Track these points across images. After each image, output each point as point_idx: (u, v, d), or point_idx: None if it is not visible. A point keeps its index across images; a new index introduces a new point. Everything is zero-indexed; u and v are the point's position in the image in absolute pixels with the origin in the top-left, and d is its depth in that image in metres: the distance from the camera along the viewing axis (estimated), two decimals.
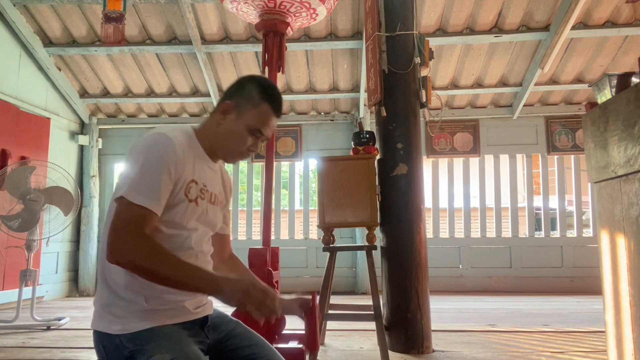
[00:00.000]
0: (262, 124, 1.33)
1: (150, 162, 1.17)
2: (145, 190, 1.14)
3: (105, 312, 1.20)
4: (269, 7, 2.99)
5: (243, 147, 1.33)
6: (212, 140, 1.34)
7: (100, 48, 5.29)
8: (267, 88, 1.34)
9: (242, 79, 1.37)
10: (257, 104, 1.32)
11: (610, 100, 2.09)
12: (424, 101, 3.14)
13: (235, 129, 1.32)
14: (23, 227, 3.67)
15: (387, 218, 3.03)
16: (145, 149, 1.19)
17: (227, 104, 1.32)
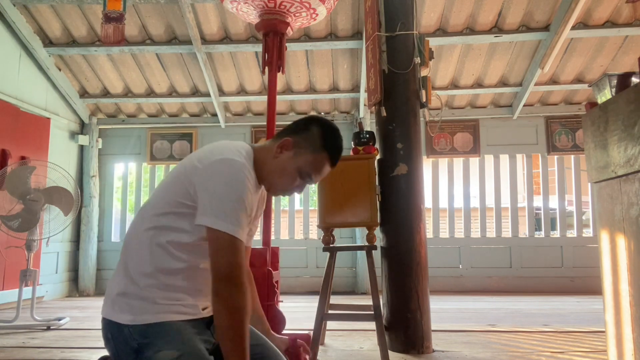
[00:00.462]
0: (315, 171, 1.35)
1: (238, 196, 1.19)
2: (241, 224, 1.19)
3: (120, 300, 1.21)
4: (269, 7, 2.99)
5: (290, 186, 1.36)
6: (264, 170, 1.35)
7: (100, 48, 5.29)
8: (331, 136, 1.35)
9: (309, 119, 1.38)
10: (316, 150, 1.33)
11: (610, 100, 2.09)
12: (424, 101, 3.14)
13: (288, 167, 1.33)
14: (23, 227, 3.67)
15: (387, 218, 3.03)
16: (231, 180, 1.20)
17: (287, 141, 1.33)
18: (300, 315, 4.07)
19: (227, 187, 1.19)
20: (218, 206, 1.18)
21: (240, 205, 1.19)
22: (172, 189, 1.26)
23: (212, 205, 1.18)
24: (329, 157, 1.34)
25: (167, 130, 6.37)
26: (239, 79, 5.82)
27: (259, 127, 6.27)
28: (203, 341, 1.25)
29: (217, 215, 1.17)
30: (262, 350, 1.35)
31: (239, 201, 1.19)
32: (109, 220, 6.34)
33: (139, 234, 1.25)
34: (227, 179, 1.20)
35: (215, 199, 1.18)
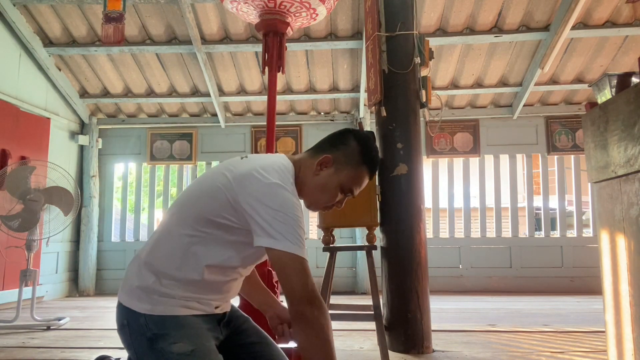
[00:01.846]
0: (357, 185, 1.36)
1: (297, 217, 1.20)
2: (304, 245, 1.20)
3: (139, 291, 1.22)
4: (269, 7, 2.99)
5: (331, 202, 1.37)
6: (304, 187, 1.35)
7: (100, 48, 5.29)
8: (369, 150, 1.37)
9: (346, 132, 1.39)
10: (356, 165, 1.34)
11: (610, 100, 2.09)
12: (424, 101, 3.14)
13: (330, 184, 1.34)
14: (23, 227, 3.67)
15: (387, 218, 3.03)
16: (288, 202, 1.20)
17: (327, 158, 1.34)
18: None
19: (286, 209, 1.19)
20: (282, 228, 1.17)
21: (300, 225, 1.20)
22: (215, 197, 1.24)
23: (275, 227, 1.17)
24: (368, 171, 1.36)
25: (167, 130, 6.37)
26: (239, 79, 5.82)
27: (259, 127, 6.27)
28: (214, 337, 1.27)
29: (283, 238, 1.17)
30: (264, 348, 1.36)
31: (298, 222, 1.20)
32: (109, 220, 6.34)
33: (174, 236, 1.25)
34: (284, 202, 1.20)
35: (277, 222, 1.18)
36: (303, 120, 6.31)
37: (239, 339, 1.36)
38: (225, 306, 1.38)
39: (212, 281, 1.25)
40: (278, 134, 6.12)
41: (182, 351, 1.16)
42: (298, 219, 1.20)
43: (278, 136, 6.18)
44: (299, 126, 6.30)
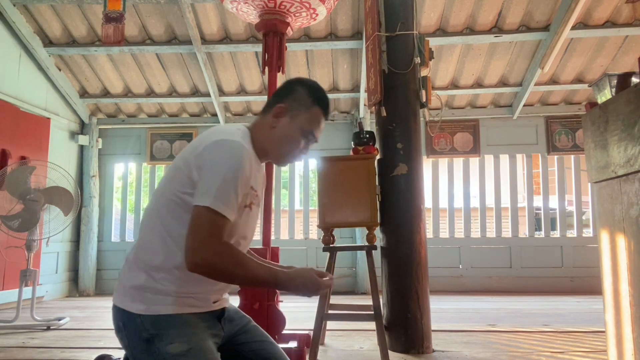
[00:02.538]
0: (315, 127, 1.39)
1: (232, 173, 1.20)
2: (229, 201, 1.19)
3: (134, 292, 1.23)
4: (269, 7, 2.99)
5: (296, 149, 1.39)
6: (266, 143, 1.38)
7: (100, 48, 5.29)
8: (317, 91, 1.40)
9: (291, 82, 1.42)
10: (309, 107, 1.37)
11: (610, 100, 2.09)
12: (424, 101, 3.14)
13: (290, 131, 1.36)
14: (23, 227, 3.67)
15: (387, 218, 3.03)
16: (227, 158, 1.21)
17: (280, 107, 1.36)
18: (300, 315, 4.06)
19: (221, 166, 1.20)
20: (208, 185, 1.19)
21: (230, 183, 1.19)
22: (176, 178, 1.27)
23: (203, 185, 1.19)
24: (321, 110, 1.38)
25: (167, 130, 6.37)
26: (239, 79, 5.82)
27: None
28: (212, 335, 1.27)
29: (204, 194, 1.18)
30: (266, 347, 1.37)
31: (230, 180, 1.19)
32: (109, 220, 6.34)
33: (153, 229, 1.27)
34: (221, 159, 1.21)
35: (208, 179, 1.19)
36: None
37: (244, 338, 1.37)
38: (223, 301, 1.38)
39: None
40: None
41: (178, 351, 1.16)
42: (230, 176, 1.19)
43: None
44: None
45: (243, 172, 1.22)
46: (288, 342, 2.71)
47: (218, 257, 1.16)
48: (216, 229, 1.17)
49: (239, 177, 1.21)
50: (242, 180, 1.22)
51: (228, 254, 1.18)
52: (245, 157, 1.24)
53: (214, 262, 1.16)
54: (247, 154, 1.25)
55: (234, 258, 1.19)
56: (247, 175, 1.24)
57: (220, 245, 1.17)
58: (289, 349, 2.55)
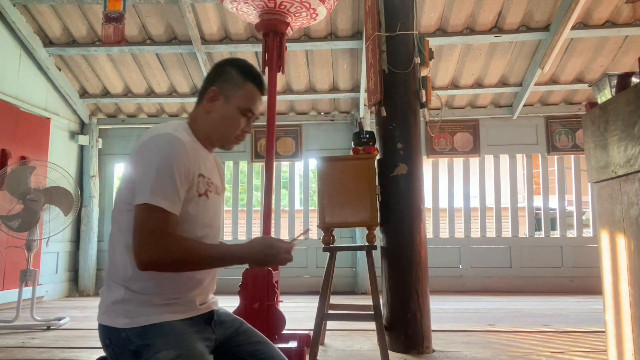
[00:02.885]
0: (251, 103, 1.36)
1: (165, 165, 1.19)
2: (166, 193, 1.17)
3: (115, 307, 1.21)
4: (269, 7, 2.99)
5: (237, 129, 1.37)
6: (206, 129, 1.36)
7: (100, 48, 5.28)
8: (247, 68, 1.38)
9: (220, 64, 1.40)
10: (241, 85, 1.35)
11: (610, 100, 2.09)
12: (424, 101, 3.14)
13: (227, 113, 1.35)
14: (23, 227, 3.67)
15: (387, 218, 3.03)
16: (158, 151, 1.20)
17: (213, 91, 1.35)
18: (300, 315, 4.07)
19: (152, 161, 1.19)
20: (143, 182, 1.18)
21: (165, 175, 1.18)
22: (123, 188, 1.27)
23: (139, 184, 1.18)
24: (255, 85, 1.37)
25: None
26: None
27: (258, 127, 6.24)
28: (203, 339, 1.24)
29: (140, 192, 1.17)
30: (263, 348, 1.35)
31: (164, 172, 1.18)
32: (109, 220, 6.33)
33: (118, 243, 1.25)
34: (152, 154, 1.20)
35: (142, 177, 1.18)
36: (303, 120, 6.31)
37: (239, 340, 1.35)
38: (211, 303, 1.36)
39: None
40: (278, 134, 6.12)
41: (167, 359, 1.13)
42: (164, 169, 1.18)
43: (278, 136, 6.18)
44: (299, 126, 6.30)
45: (177, 161, 1.20)
46: (288, 342, 2.71)
47: (164, 252, 1.15)
48: (158, 224, 1.15)
49: (174, 166, 1.19)
50: (179, 169, 1.20)
51: (174, 245, 1.16)
52: (177, 146, 1.22)
53: (162, 257, 1.14)
54: (179, 143, 1.22)
55: (181, 247, 1.17)
56: (184, 164, 1.21)
57: (164, 239, 1.15)
58: (289, 349, 2.55)
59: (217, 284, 1.41)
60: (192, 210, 1.26)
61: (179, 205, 1.20)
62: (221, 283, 1.46)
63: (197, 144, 1.34)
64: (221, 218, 1.43)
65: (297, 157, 6.29)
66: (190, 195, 1.25)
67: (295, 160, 6.38)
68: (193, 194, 1.26)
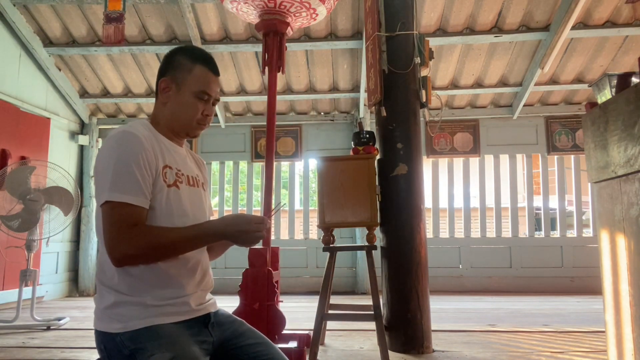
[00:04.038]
0: (204, 85, 1.34)
1: (122, 160, 1.18)
2: (126, 188, 1.17)
3: (108, 312, 1.20)
4: (269, 7, 2.99)
5: (197, 114, 1.34)
6: (167, 121, 1.35)
7: (100, 48, 5.29)
8: (194, 52, 1.37)
9: (167, 54, 1.39)
10: (190, 69, 1.33)
11: (610, 100, 2.09)
12: (424, 101, 3.14)
13: (181, 100, 1.33)
14: (23, 227, 3.67)
15: (387, 218, 3.03)
16: (114, 149, 1.21)
17: (163, 81, 1.34)
18: (300, 315, 4.07)
19: (108, 160, 1.19)
20: (102, 181, 1.18)
21: (122, 169, 1.18)
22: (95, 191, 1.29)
23: (98, 184, 1.20)
24: (206, 67, 1.35)
25: None
26: (239, 79, 5.82)
27: (259, 127, 6.27)
28: (199, 342, 1.23)
29: (100, 192, 1.18)
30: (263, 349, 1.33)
31: (121, 166, 1.18)
32: None
33: (100, 246, 1.26)
34: (107, 154, 1.21)
35: (100, 177, 1.19)
36: (303, 120, 6.31)
37: (238, 342, 1.32)
38: (208, 305, 1.33)
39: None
40: (278, 134, 6.13)
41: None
42: (117, 163, 1.18)
43: (278, 136, 6.18)
44: (299, 126, 6.30)
45: (132, 154, 1.19)
46: (288, 342, 2.71)
47: (134, 243, 1.15)
48: (123, 219, 1.16)
49: (131, 160, 1.19)
50: (137, 161, 1.19)
51: (142, 235, 1.16)
52: (131, 140, 1.21)
53: (132, 251, 1.15)
54: (132, 137, 1.22)
55: (151, 235, 1.18)
56: (141, 156, 1.21)
57: (131, 231, 1.15)
58: (289, 349, 2.55)
59: (217, 284, 1.38)
60: (164, 201, 1.25)
61: (144, 197, 1.20)
62: (221, 283, 1.45)
63: (160, 137, 1.33)
64: (203, 210, 1.39)
65: (297, 157, 6.29)
66: (159, 186, 1.24)
67: (295, 160, 6.38)
68: (161, 185, 1.25)
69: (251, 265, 2.74)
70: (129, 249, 1.15)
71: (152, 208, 1.23)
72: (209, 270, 1.38)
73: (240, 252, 1.55)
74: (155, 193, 1.24)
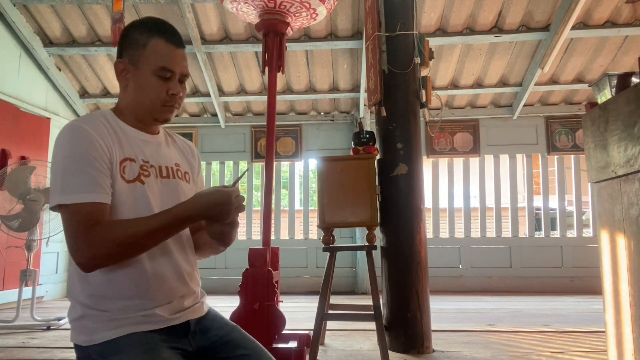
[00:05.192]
0: (163, 60, 1.18)
1: (71, 157, 1.09)
2: (77, 186, 1.07)
3: (75, 324, 1.15)
4: (269, 7, 2.99)
5: (161, 94, 1.19)
6: (130, 107, 1.22)
7: (100, 48, 5.29)
8: (147, 23, 1.21)
9: (122, 33, 1.23)
10: (144, 43, 1.18)
11: (610, 100, 2.09)
12: (424, 101, 3.14)
13: (141, 80, 1.19)
14: (23, 227, 3.67)
15: (387, 218, 3.03)
16: (62, 146, 1.11)
17: (119, 62, 1.21)
18: (300, 315, 4.07)
19: (58, 159, 1.10)
20: (54, 183, 1.09)
21: (72, 168, 1.08)
22: None
23: (51, 187, 1.11)
24: (163, 38, 1.19)
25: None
26: (239, 79, 5.82)
27: (259, 127, 6.27)
28: (174, 349, 1.13)
29: (53, 194, 1.09)
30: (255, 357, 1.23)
31: (70, 164, 1.08)
32: None
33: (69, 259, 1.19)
34: (57, 152, 1.11)
35: (52, 178, 1.10)
36: (303, 120, 6.31)
37: (224, 350, 1.21)
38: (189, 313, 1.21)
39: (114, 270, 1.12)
40: (278, 134, 6.13)
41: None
42: (76, 160, 1.08)
43: (278, 136, 6.19)
44: (299, 126, 6.30)
45: (81, 148, 1.09)
46: (288, 342, 2.71)
47: (95, 246, 1.05)
48: (79, 221, 1.06)
49: (79, 155, 1.08)
50: (87, 156, 1.08)
51: (102, 234, 1.05)
52: (78, 134, 1.10)
53: (94, 251, 1.05)
54: (80, 131, 1.11)
55: (112, 232, 1.06)
56: (91, 149, 1.09)
57: (92, 231, 1.05)
58: (289, 349, 2.55)
59: (217, 284, 1.32)
60: (125, 199, 1.14)
61: (101, 192, 1.09)
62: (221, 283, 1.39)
63: (124, 126, 1.21)
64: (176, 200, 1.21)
65: (297, 157, 6.29)
66: (118, 184, 1.13)
67: (295, 160, 6.38)
68: (119, 182, 1.13)
69: (251, 265, 2.73)
70: (89, 250, 1.04)
71: (114, 207, 1.12)
72: (193, 272, 1.26)
73: (240, 252, 1.51)
74: (115, 191, 1.12)
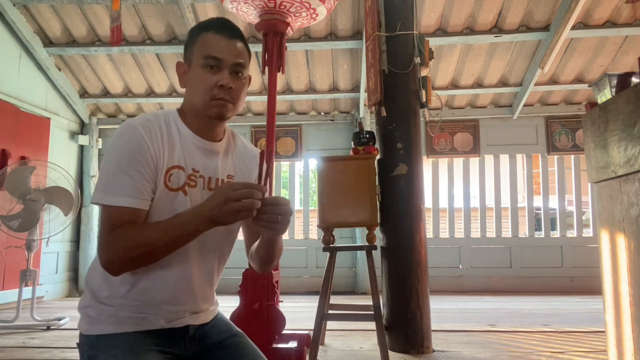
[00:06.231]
0: (208, 49, 1.14)
1: (115, 157, 1.08)
2: (115, 188, 1.06)
3: (81, 311, 1.19)
4: (269, 7, 2.99)
5: (208, 87, 1.14)
6: (191, 107, 1.18)
7: (100, 48, 5.29)
8: (204, 22, 1.21)
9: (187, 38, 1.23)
10: (195, 39, 1.17)
11: (610, 100, 2.09)
12: (424, 101, 3.14)
13: (192, 77, 1.16)
14: (23, 227, 3.67)
15: (387, 218, 3.03)
16: (112, 145, 1.10)
17: (178, 64, 1.22)
18: (300, 315, 4.07)
19: (108, 156, 1.10)
20: (99, 180, 1.09)
21: (116, 169, 1.06)
22: None
23: (97, 181, 1.11)
24: (212, 31, 1.16)
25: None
26: None
27: (259, 127, 6.27)
28: (164, 352, 1.12)
29: (94, 190, 1.08)
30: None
31: (115, 165, 1.07)
32: None
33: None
34: (110, 149, 1.10)
35: (100, 174, 1.11)
36: (303, 120, 6.31)
37: (219, 355, 1.19)
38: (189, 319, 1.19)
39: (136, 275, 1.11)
40: (278, 134, 6.12)
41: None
42: (120, 161, 1.07)
43: (278, 136, 6.18)
44: (299, 126, 6.30)
45: (128, 149, 1.07)
46: (288, 342, 2.71)
47: (115, 247, 1.03)
48: (106, 223, 1.05)
49: (125, 155, 1.07)
50: (134, 160, 1.06)
51: (119, 239, 1.04)
52: (130, 135, 1.08)
53: (118, 255, 1.03)
54: (132, 132, 1.09)
55: (125, 237, 1.04)
56: (138, 152, 1.07)
57: (109, 237, 1.04)
58: (289, 349, 2.55)
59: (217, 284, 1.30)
60: (165, 207, 1.11)
61: (139, 198, 1.07)
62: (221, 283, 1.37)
63: (184, 130, 1.17)
64: None
65: (297, 157, 6.29)
66: (160, 189, 1.10)
67: (295, 160, 6.38)
68: (162, 189, 1.10)
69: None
70: (114, 256, 1.04)
71: (151, 213, 1.10)
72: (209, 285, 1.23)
73: (240, 252, 1.49)
74: (155, 197, 1.10)
